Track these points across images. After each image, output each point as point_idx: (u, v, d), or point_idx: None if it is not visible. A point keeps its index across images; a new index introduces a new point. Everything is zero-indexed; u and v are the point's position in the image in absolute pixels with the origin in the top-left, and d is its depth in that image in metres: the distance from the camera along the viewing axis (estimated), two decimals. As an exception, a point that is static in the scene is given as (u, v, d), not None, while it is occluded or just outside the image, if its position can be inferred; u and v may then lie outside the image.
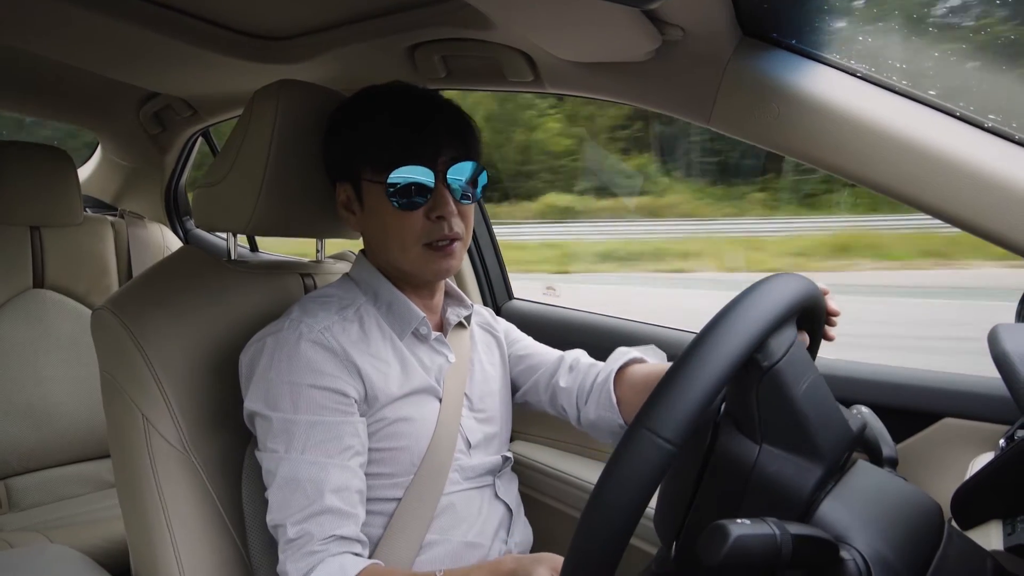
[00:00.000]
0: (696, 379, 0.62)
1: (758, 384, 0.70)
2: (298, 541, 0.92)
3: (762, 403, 0.70)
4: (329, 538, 0.92)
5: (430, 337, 1.13)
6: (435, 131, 1.04)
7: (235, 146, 1.14)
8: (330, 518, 0.93)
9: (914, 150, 0.95)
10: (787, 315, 0.70)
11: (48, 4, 1.35)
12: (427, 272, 1.08)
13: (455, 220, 1.05)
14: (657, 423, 0.60)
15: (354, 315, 1.08)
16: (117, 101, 2.33)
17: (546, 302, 1.94)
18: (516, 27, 1.10)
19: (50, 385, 1.93)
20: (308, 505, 0.93)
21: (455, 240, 1.06)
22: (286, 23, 1.48)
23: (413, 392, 1.07)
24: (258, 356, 1.01)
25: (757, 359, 0.69)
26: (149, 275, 1.13)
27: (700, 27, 1.05)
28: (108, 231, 2.14)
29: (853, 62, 1.03)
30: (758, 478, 0.70)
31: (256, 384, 1.00)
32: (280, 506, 0.95)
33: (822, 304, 0.89)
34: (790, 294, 0.71)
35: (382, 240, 1.09)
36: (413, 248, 1.05)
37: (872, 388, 1.33)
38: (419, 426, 1.06)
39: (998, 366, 0.66)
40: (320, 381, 0.98)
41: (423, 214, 1.04)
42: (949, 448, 1.23)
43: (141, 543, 1.04)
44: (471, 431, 1.14)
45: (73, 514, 1.84)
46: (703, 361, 0.63)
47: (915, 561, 0.66)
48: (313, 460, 0.95)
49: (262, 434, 0.99)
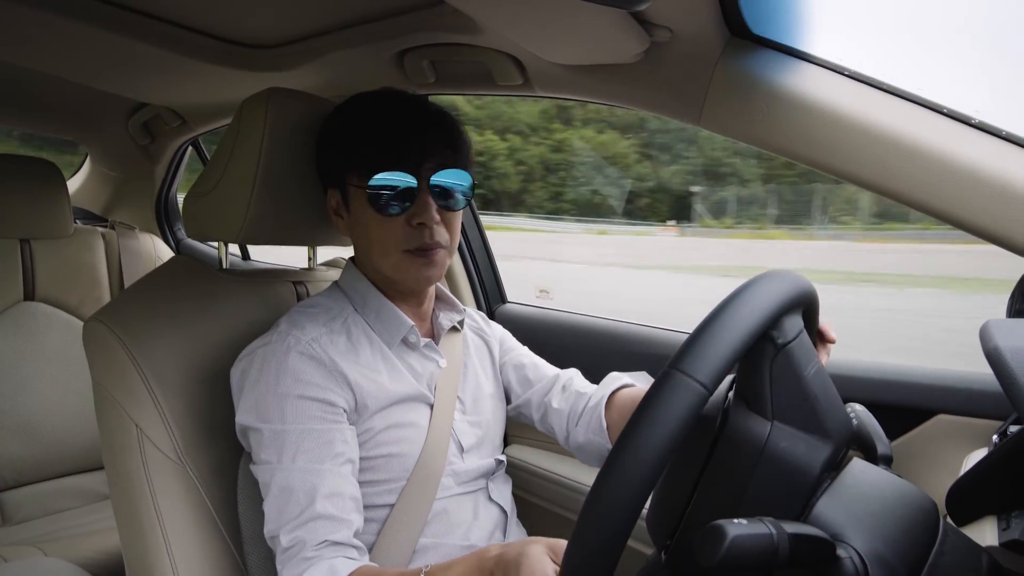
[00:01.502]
0: (729, 329, 0.64)
1: (772, 361, 0.72)
2: (292, 549, 0.92)
3: (775, 381, 0.72)
4: (322, 543, 0.92)
5: (419, 344, 1.12)
6: (419, 137, 1.03)
7: (225, 155, 1.13)
8: (323, 524, 0.92)
9: (902, 147, 0.96)
10: (799, 300, 0.74)
11: (34, 16, 1.34)
12: (408, 279, 1.07)
13: (438, 228, 1.04)
14: (691, 365, 0.62)
15: (342, 326, 1.07)
16: (106, 112, 2.32)
17: (539, 305, 1.94)
18: (504, 31, 1.10)
19: (43, 397, 1.92)
20: (300, 512, 0.93)
21: (437, 248, 1.06)
22: (274, 31, 1.47)
23: (404, 400, 1.07)
24: (247, 369, 1.01)
25: (772, 335, 0.71)
26: (141, 285, 1.13)
27: (688, 28, 1.05)
28: (99, 242, 2.13)
29: (840, 60, 1.03)
30: (770, 454, 0.70)
31: (246, 397, 1.00)
32: (275, 516, 0.95)
33: (818, 305, 0.89)
34: (800, 284, 0.74)
35: (366, 246, 1.09)
36: (394, 254, 1.05)
37: (866, 385, 1.34)
38: (411, 432, 1.06)
39: (990, 362, 0.66)
40: (308, 392, 0.98)
41: (404, 220, 1.03)
42: (943, 444, 1.24)
43: (136, 555, 1.04)
44: (464, 434, 1.14)
45: (68, 527, 1.83)
46: (736, 313, 0.65)
47: (911, 558, 0.66)
48: (305, 467, 0.95)
49: (255, 447, 0.99)
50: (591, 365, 1.75)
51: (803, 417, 0.72)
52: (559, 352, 1.80)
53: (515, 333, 1.39)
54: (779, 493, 0.68)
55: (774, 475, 0.69)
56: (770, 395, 0.72)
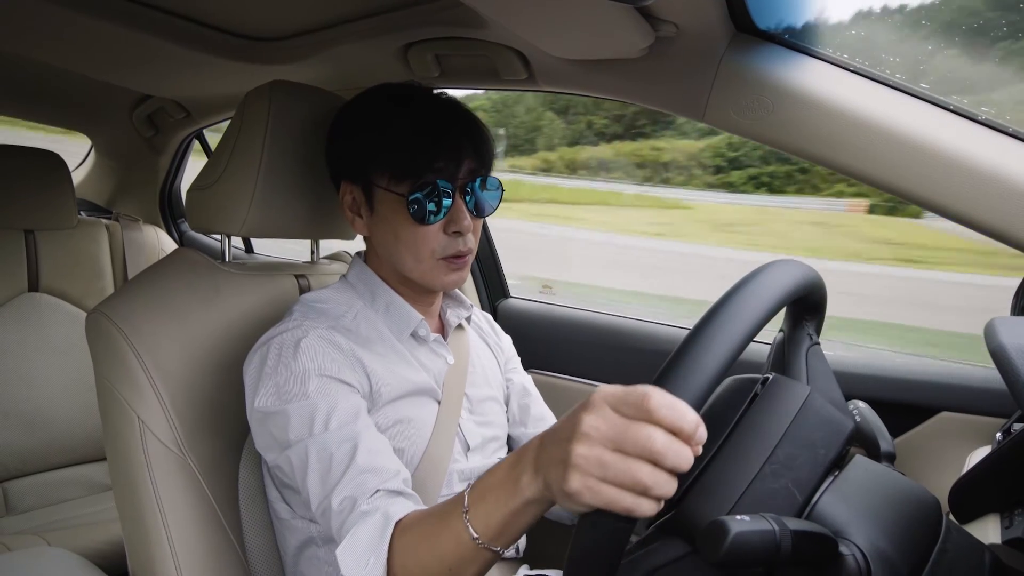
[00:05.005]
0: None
1: (808, 351, 0.87)
2: (345, 509, 0.86)
3: (810, 367, 0.86)
4: (375, 494, 0.86)
5: (429, 339, 1.12)
6: (457, 144, 1.01)
7: (228, 148, 1.13)
8: (371, 476, 0.87)
9: (908, 144, 0.95)
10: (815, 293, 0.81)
11: (40, 8, 1.34)
12: (437, 284, 1.06)
13: (470, 236, 1.04)
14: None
15: (352, 321, 1.06)
16: (110, 104, 2.32)
17: (542, 300, 1.94)
18: (508, 25, 1.09)
19: (46, 388, 1.93)
20: (346, 470, 0.88)
21: (469, 254, 1.06)
22: (278, 24, 1.47)
23: (415, 392, 1.06)
24: (265, 357, 0.98)
25: (810, 333, 0.88)
26: (143, 278, 1.13)
27: (693, 23, 1.04)
28: (103, 234, 2.13)
29: (846, 56, 1.03)
30: (809, 405, 0.75)
31: (265, 383, 0.96)
32: (318, 485, 0.89)
33: (823, 290, 0.88)
34: (801, 275, 0.75)
35: (393, 249, 1.06)
36: (427, 260, 1.04)
37: (869, 382, 1.34)
38: (417, 428, 1.05)
39: (995, 359, 0.66)
40: (329, 370, 0.96)
41: (440, 228, 1.02)
42: (946, 442, 1.24)
43: (138, 545, 1.04)
44: (471, 434, 1.13)
45: (70, 517, 1.84)
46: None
47: (913, 555, 0.66)
48: (339, 430, 0.91)
49: (280, 432, 0.94)
50: (593, 360, 1.76)
51: (832, 394, 0.83)
52: (561, 347, 1.81)
53: (518, 328, 1.39)
54: (817, 439, 0.72)
55: (813, 424, 0.74)
56: (807, 375, 0.85)
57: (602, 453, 0.58)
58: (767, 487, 0.68)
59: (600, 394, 0.61)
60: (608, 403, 0.60)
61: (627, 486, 0.57)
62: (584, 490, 0.59)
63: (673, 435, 0.57)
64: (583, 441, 0.59)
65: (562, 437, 0.62)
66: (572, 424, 0.61)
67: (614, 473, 0.57)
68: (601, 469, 0.58)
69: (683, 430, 0.56)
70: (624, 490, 0.58)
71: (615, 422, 0.59)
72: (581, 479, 0.59)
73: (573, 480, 0.59)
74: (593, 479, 0.58)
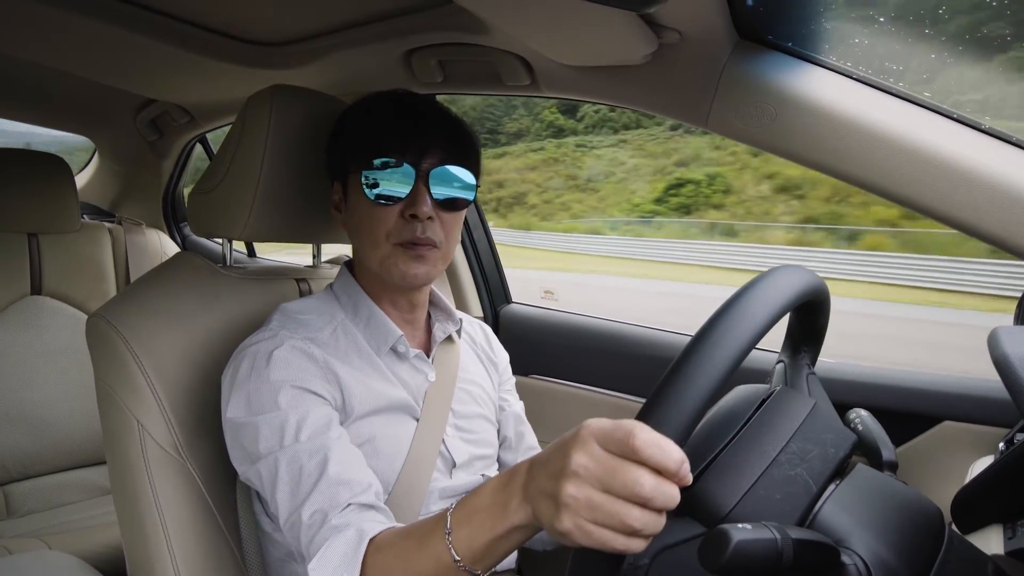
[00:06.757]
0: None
1: (807, 377, 0.93)
2: (315, 523, 0.84)
3: (810, 387, 0.92)
4: (347, 508, 0.84)
5: (409, 355, 1.09)
6: (422, 130, 1.01)
7: (229, 152, 1.13)
8: (343, 488, 0.86)
9: (910, 152, 0.95)
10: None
11: (44, 12, 1.35)
12: (395, 274, 1.03)
13: (431, 224, 1.02)
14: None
15: (331, 334, 1.05)
16: (114, 108, 2.33)
17: (544, 306, 1.93)
18: (512, 31, 1.10)
19: (48, 391, 1.93)
20: (316, 482, 0.86)
21: (429, 246, 1.03)
22: (282, 29, 1.48)
23: (388, 408, 1.03)
24: (238, 367, 0.97)
25: (809, 361, 0.94)
26: (144, 281, 1.13)
27: (697, 30, 1.05)
28: (106, 237, 2.14)
29: (849, 64, 1.03)
30: (815, 417, 0.78)
31: (237, 393, 0.96)
32: (288, 497, 0.87)
33: (826, 295, 0.87)
34: (800, 281, 0.74)
35: (357, 239, 1.07)
36: (383, 246, 1.02)
37: (871, 391, 1.33)
38: (391, 445, 1.02)
39: (998, 369, 0.66)
40: (301, 382, 0.95)
41: (398, 211, 1.01)
42: (949, 452, 1.23)
43: (137, 548, 1.04)
44: (457, 451, 1.11)
45: (71, 520, 1.84)
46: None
47: (916, 565, 0.65)
48: (311, 441, 0.90)
49: (251, 444, 0.92)
50: (595, 365, 1.76)
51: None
52: (563, 352, 1.81)
53: (519, 334, 1.39)
54: (827, 439, 0.76)
55: (822, 427, 0.77)
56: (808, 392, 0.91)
57: (592, 494, 0.58)
58: (783, 473, 0.70)
59: (588, 429, 0.61)
60: (596, 438, 0.59)
61: (617, 529, 0.57)
62: (575, 530, 0.59)
63: (659, 474, 0.57)
64: (572, 480, 0.59)
65: (552, 471, 0.62)
66: (562, 459, 0.61)
67: (604, 516, 0.57)
68: (591, 511, 0.58)
69: (668, 469, 0.56)
70: (615, 532, 0.58)
71: (604, 462, 0.58)
72: (572, 519, 0.59)
73: (564, 520, 0.59)
74: (583, 520, 0.58)
